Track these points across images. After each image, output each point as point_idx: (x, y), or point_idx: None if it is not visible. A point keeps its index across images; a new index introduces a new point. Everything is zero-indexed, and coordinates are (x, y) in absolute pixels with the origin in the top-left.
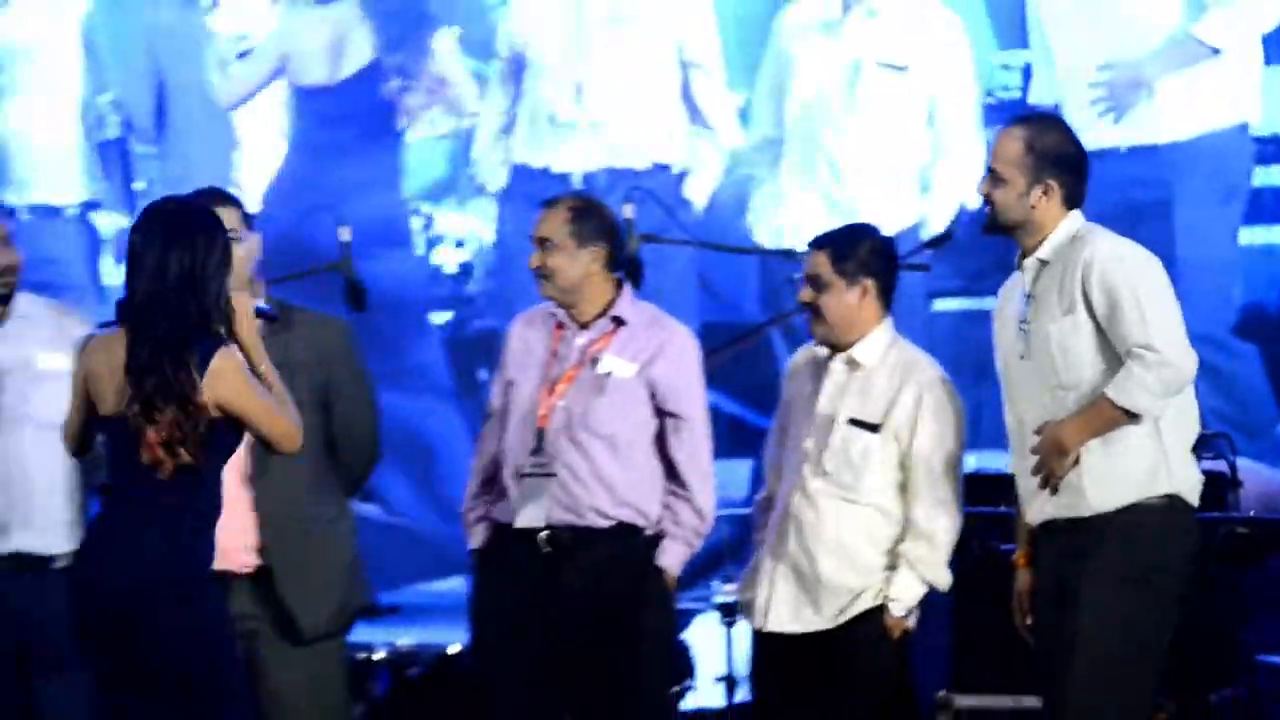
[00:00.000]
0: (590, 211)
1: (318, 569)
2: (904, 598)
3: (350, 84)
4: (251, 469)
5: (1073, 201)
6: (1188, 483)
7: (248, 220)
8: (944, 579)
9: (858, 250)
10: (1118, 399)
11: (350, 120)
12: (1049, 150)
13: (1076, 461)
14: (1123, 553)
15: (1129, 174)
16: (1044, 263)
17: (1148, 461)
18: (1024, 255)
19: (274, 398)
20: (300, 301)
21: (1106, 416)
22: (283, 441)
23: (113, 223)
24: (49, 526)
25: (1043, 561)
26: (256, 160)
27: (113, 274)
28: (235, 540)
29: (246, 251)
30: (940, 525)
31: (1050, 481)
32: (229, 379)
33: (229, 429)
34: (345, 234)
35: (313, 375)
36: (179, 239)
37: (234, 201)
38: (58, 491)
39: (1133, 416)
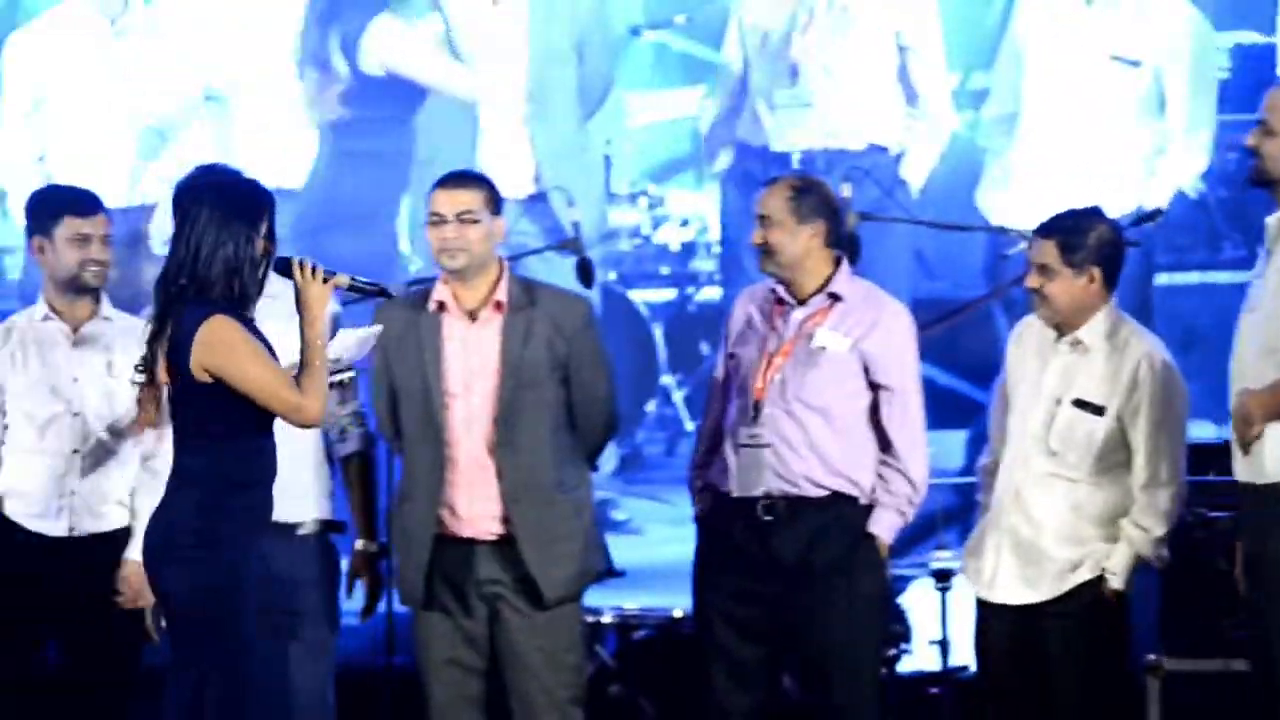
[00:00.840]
0: (810, 189)
1: (559, 536)
2: (1121, 572)
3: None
4: (495, 439)
5: None
6: None
7: (496, 203)
8: (1162, 555)
9: (1085, 239)
10: None
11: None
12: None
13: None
14: None
15: None
16: None
17: None
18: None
19: (279, 370)
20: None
21: None
22: (289, 415)
23: None
24: (295, 495)
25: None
26: (497, 146)
27: None
28: (481, 509)
29: (485, 232)
30: (1162, 505)
31: (1242, 445)
32: (214, 348)
33: (239, 397)
34: (576, 213)
35: (554, 349)
36: (185, 212)
37: (480, 182)
38: (304, 462)
39: None
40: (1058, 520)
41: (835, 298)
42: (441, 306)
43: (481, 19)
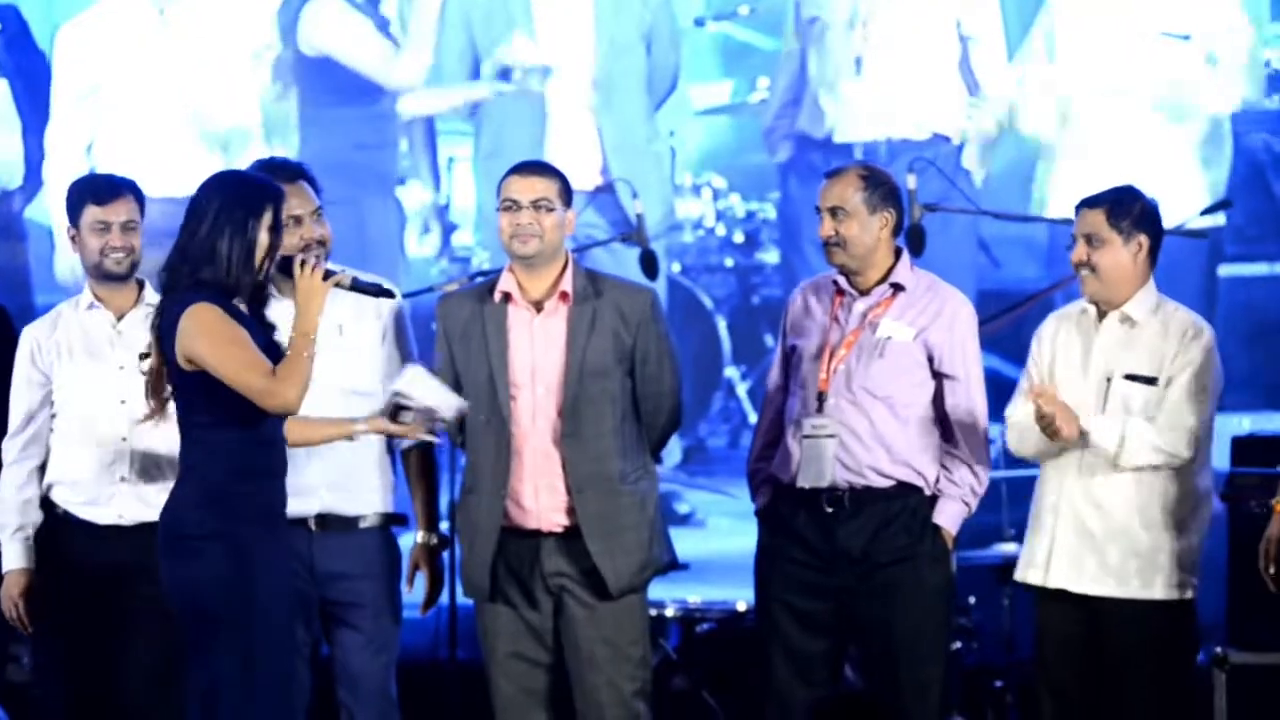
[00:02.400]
0: (878, 178)
1: (624, 526)
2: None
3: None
4: (561, 431)
5: None
6: None
7: (568, 195)
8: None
9: (1132, 208)
10: None
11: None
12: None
13: None
14: None
15: None
16: None
17: None
18: None
19: (253, 357)
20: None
21: None
22: (260, 400)
23: (419, 198)
24: (356, 488)
25: None
26: (565, 137)
27: (418, 247)
28: (546, 501)
29: (558, 222)
30: (1157, 439)
31: None
32: (191, 333)
33: (226, 386)
34: (639, 206)
35: (620, 340)
36: (193, 204)
37: (555, 172)
38: (365, 455)
39: None
40: (1128, 502)
41: (898, 288)
42: (507, 297)
43: (549, 9)
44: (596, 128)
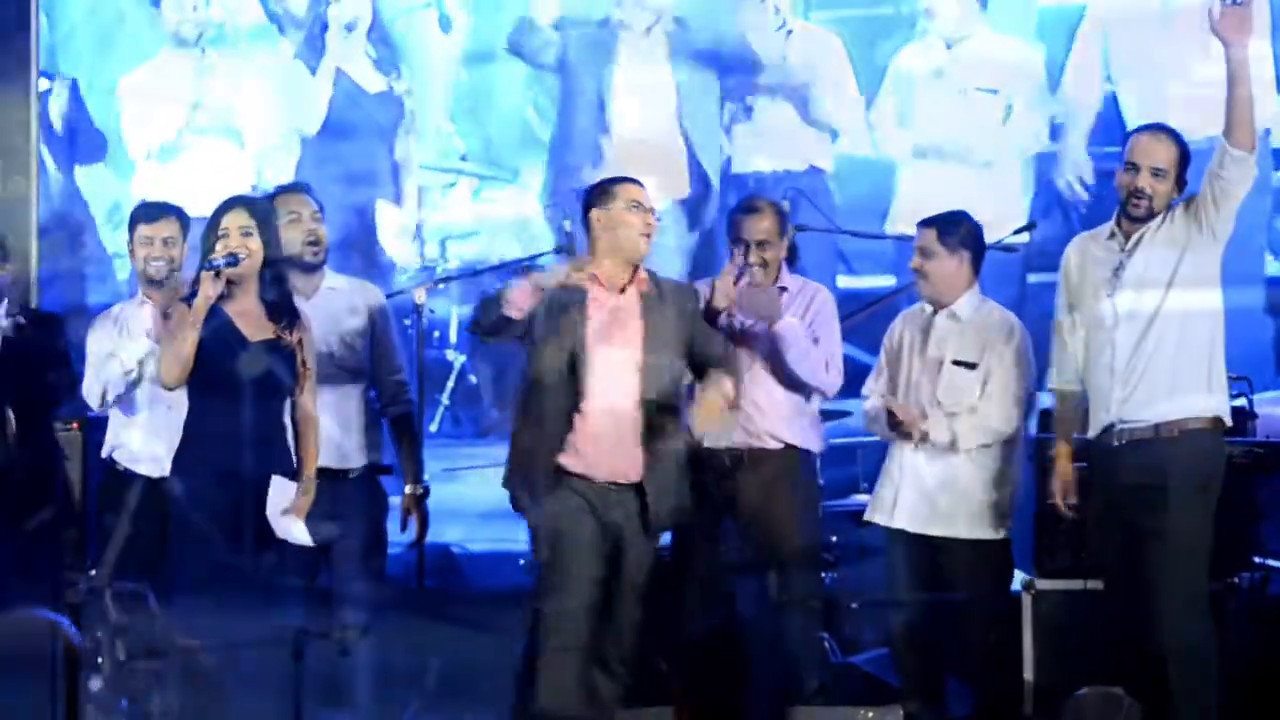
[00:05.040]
0: (784, 214)
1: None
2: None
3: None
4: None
5: None
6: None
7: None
8: (973, 440)
9: (958, 229)
10: None
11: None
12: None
13: None
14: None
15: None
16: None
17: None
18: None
19: (162, 348)
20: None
21: None
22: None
23: (397, 219)
24: (345, 449)
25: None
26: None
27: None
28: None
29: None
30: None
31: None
32: None
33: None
34: (569, 225)
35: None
36: None
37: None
38: (351, 424)
39: None
40: (956, 462)
41: (783, 289)
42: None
43: None
44: None
